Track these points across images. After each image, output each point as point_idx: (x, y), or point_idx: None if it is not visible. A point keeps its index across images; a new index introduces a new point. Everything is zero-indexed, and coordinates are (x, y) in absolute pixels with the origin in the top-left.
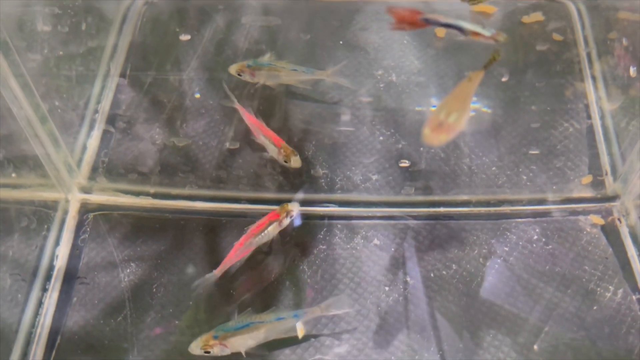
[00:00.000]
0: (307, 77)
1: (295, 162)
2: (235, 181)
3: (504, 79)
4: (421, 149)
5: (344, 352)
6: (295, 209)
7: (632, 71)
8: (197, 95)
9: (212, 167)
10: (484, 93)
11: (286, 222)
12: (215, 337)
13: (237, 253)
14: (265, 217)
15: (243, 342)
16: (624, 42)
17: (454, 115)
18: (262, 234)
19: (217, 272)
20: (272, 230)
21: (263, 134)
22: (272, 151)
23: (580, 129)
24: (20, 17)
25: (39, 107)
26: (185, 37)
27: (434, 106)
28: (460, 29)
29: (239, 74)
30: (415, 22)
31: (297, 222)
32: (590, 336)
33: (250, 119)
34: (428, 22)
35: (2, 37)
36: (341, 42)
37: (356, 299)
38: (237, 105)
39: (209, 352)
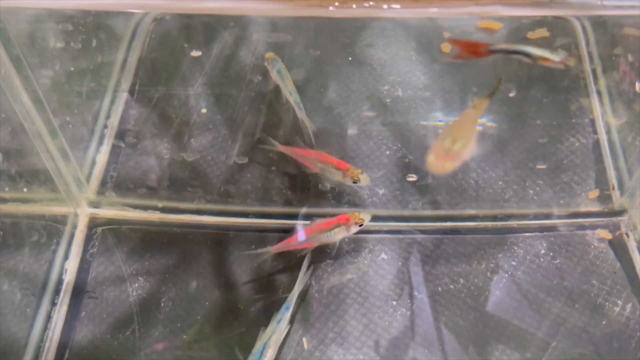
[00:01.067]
0: (295, 107)
1: (365, 179)
2: (243, 195)
3: (511, 95)
4: None
5: None
6: (366, 219)
7: (638, 86)
8: (204, 111)
9: (220, 181)
10: (490, 108)
11: (354, 229)
12: None
13: (297, 241)
14: (334, 217)
15: None
16: (629, 57)
17: (459, 143)
18: (328, 233)
19: (273, 249)
20: (338, 233)
21: (322, 162)
22: (335, 175)
23: (587, 143)
24: (33, 34)
25: (49, 122)
26: (196, 54)
27: (440, 120)
28: (527, 55)
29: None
30: (478, 52)
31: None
32: (599, 351)
33: (305, 152)
34: (492, 52)
35: (15, 53)
36: (350, 59)
37: (364, 314)
38: (282, 148)
39: None
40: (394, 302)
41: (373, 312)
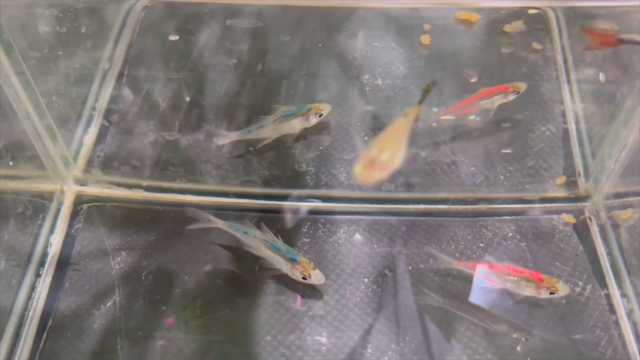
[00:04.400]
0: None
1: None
2: (224, 176)
3: (472, 80)
4: None
5: (323, 339)
6: (562, 291)
7: (601, 77)
8: (187, 99)
9: (201, 162)
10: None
11: (543, 294)
12: None
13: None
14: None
15: None
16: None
17: (387, 153)
18: (519, 281)
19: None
20: (523, 287)
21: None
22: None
23: (556, 132)
24: (25, 19)
25: (38, 103)
26: (174, 38)
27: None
28: None
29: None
30: (610, 42)
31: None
32: (560, 329)
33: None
34: (624, 41)
35: (6, 37)
36: (330, 46)
37: (336, 290)
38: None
39: None
40: (366, 280)
41: (345, 289)
